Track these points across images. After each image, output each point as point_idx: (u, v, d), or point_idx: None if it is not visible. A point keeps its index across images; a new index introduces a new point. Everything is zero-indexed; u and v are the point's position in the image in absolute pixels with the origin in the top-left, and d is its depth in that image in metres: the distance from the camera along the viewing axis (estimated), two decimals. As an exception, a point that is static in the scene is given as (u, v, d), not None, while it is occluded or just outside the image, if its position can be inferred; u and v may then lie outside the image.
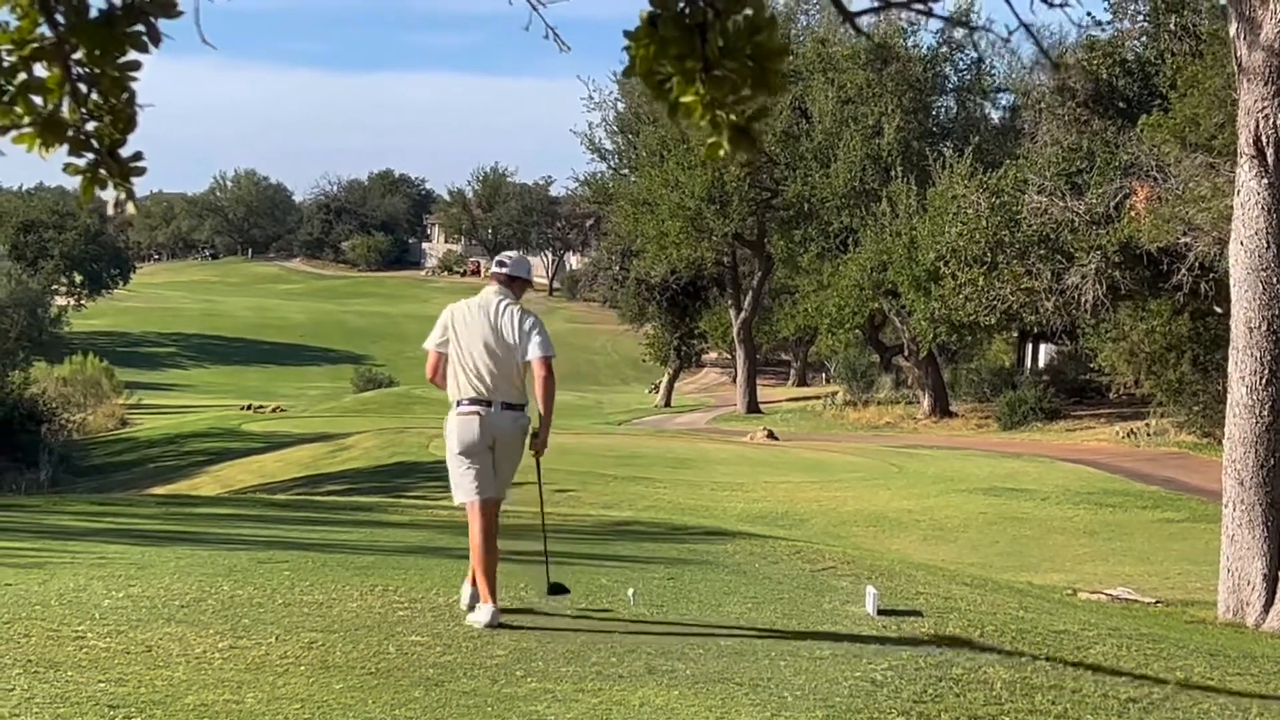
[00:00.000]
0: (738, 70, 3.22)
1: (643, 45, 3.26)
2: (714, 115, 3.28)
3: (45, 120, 3.29)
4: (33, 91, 3.29)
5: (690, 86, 3.25)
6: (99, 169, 3.41)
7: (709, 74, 3.24)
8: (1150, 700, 9.30)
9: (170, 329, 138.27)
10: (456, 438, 10.54)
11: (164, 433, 63.71)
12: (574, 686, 8.13)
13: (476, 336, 10.53)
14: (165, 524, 16.54)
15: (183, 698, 7.43)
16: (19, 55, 3.28)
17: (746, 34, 3.22)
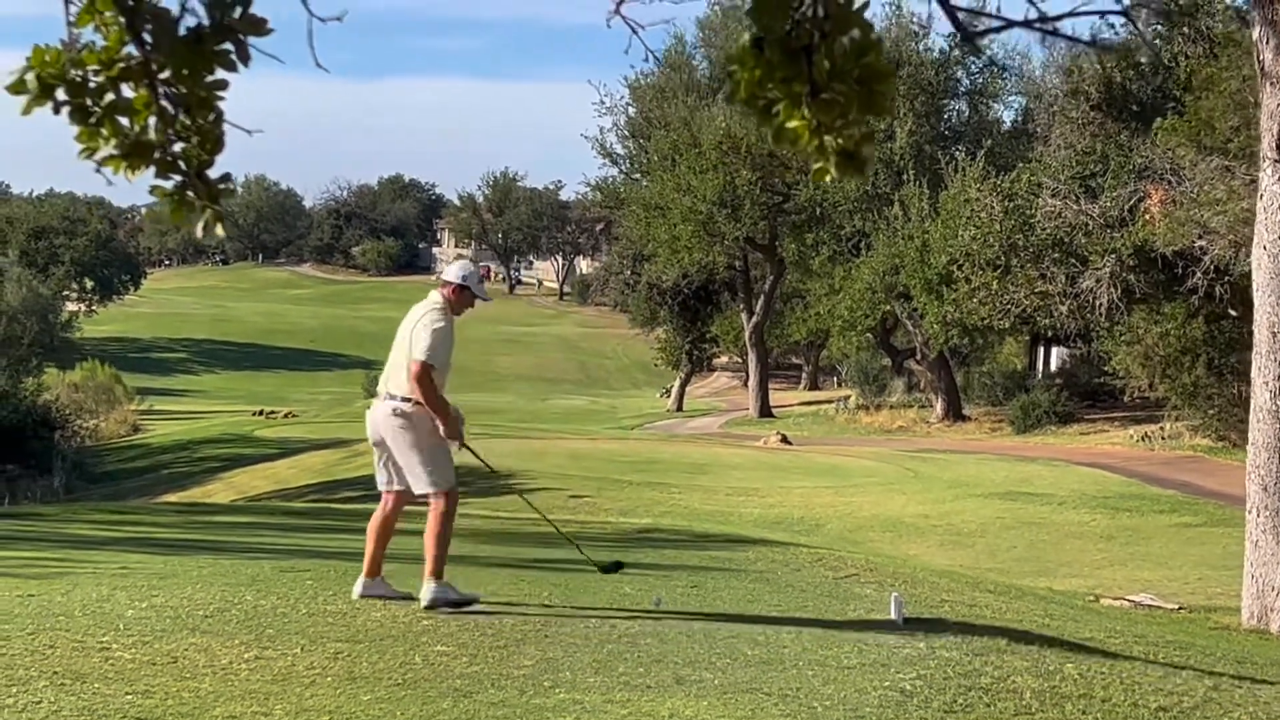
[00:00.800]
0: (845, 93, 3.14)
1: (747, 69, 3.18)
2: (821, 140, 3.20)
3: (132, 142, 3.23)
4: (119, 113, 3.23)
5: (797, 111, 3.17)
6: (186, 191, 3.34)
7: (816, 98, 3.17)
8: (1180, 709, 9.22)
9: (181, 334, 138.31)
10: None
11: (176, 439, 63.70)
12: (602, 697, 8.06)
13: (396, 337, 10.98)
14: (185, 533, 16.50)
15: (210, 710, 7.37)
16: (106, 75, 3.21)
17: (854, 56, 3.14)
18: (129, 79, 3.24)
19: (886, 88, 3.18)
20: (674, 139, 71.69)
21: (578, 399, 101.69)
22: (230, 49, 3.30)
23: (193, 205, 3.37)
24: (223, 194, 3.39)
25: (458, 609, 10.61)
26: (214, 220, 3.44)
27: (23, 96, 3.28)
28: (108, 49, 3.26)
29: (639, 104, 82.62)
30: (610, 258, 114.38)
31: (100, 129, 3.25)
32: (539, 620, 10.39)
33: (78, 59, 3.26)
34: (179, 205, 3.37)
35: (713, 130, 68.95)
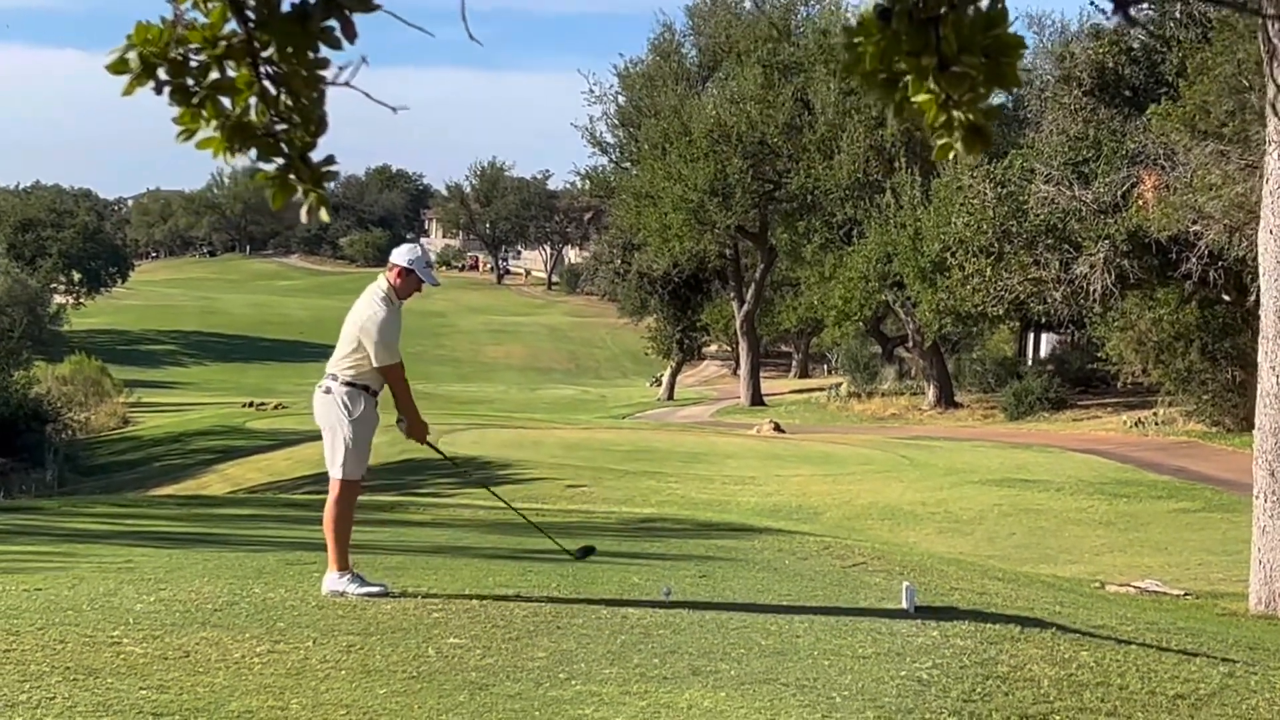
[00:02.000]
0: (974, 66, 3.05)
1: (872, 41, 3.08)
2: (949, 115, 3.11)
3: (234, 123, 3.13)
4: (221, 92, 3.13)
5: (924, 84, 3.08)
6: (289, 174, 3.24)
7: (945, 71, 3.07)
8: (1198, 696, 9.19)
9: (170, 326, 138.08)
10: None
11: (167, 431, 63.56)
12: (619, 689, 8.00)
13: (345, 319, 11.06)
14: (188, 525, 16.44)
15: (226, 704, 7.30)
16: (209, 53, 3.12)
17: (982, 27, 3.04)
18: (231, 58, 3.14)
19: (1015, 59, 3.09)
20: (664, 127, 71.63)
21: (568, 388, 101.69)
22: (335, 25, 3.21)
23: (294, 188, 3.27)
24: (326, 177, 3.30)
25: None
26: (318, 204, 3.34)
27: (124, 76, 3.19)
28: (210, 26, 3.17)
29: (628, 92, 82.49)
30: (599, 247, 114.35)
31: (201, 110, 3.16)
32: (550, 611, 10.33)
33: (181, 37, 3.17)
34: (282, 188, 3.27)
35: (703, 118, 68.92)
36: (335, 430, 10.73)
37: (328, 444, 10.82)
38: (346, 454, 10.70)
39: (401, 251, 11.14)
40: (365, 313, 10.77)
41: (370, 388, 10.75)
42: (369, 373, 10.72)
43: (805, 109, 67.42)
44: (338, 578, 10.67)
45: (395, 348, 10.80)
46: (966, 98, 3.06)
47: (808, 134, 66.56)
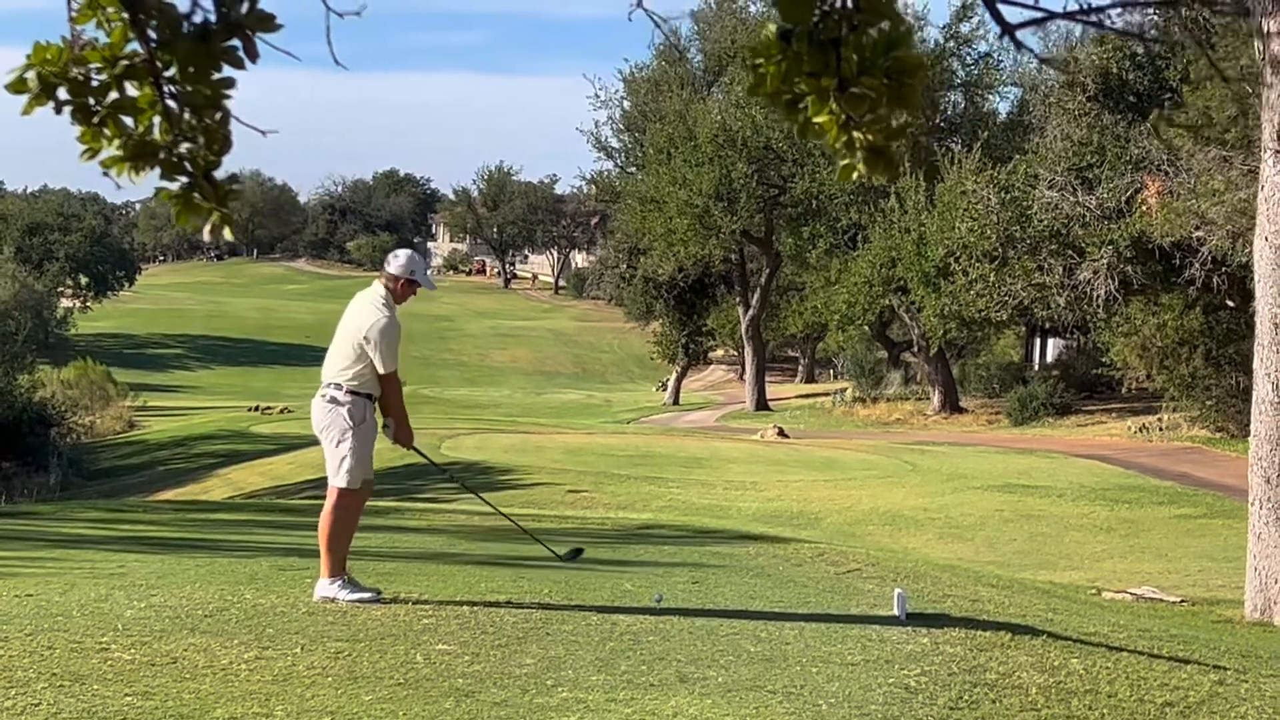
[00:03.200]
0: (875, 87, 3.05)
1: (773, 62, 3.08)
2: (850, 136, 3.11)
3: (137, 143, 3.13)
4: (123, 111, 3.13)
5: (825, 105, 3.09)
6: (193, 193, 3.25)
7: (844, 92, 3.07)
8: (1186, 704, 9.19)
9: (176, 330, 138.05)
10: None
11: (172, 435, 63.53)
12: (605, 696, 8.00)
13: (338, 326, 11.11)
14: (183, 531, 16.45)
15: (211, 711, 7.30)
16: (109, 73, 3.12)
17: (883, 49, 3.05)
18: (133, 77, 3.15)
19: (917, 81, 3.09)
20: (669, 132, 71.66)
21: (573, 393, 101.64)
22: (238, 46, 3.21)
23: (199, 208, 3.28)
24: (230, 195, 3.30)
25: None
26: (221, 222, 3.34)
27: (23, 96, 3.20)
28: (111, 46, 3.17)
29: (634, 97, 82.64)
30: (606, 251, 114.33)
31: (103, 129, 3.16)
32: (540, 618, 10.33)
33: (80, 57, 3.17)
34: (185, 208, 3.28)
35: (708, 123, 68.94)
36: (338, 439, 10.73)
37: (329, 452, 10.82)
38: (352, 463, 10.72)
39: (399, 261, 11.14)
40: (368, 320, 10.78)
41: (372, 395, 10.82)
42: (371, 380, 10.76)
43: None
44: (329, 583, 10.68)
45: (396, 354, 10.87)
46: (867, 119, 3.06)
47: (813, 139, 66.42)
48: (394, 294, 10.98)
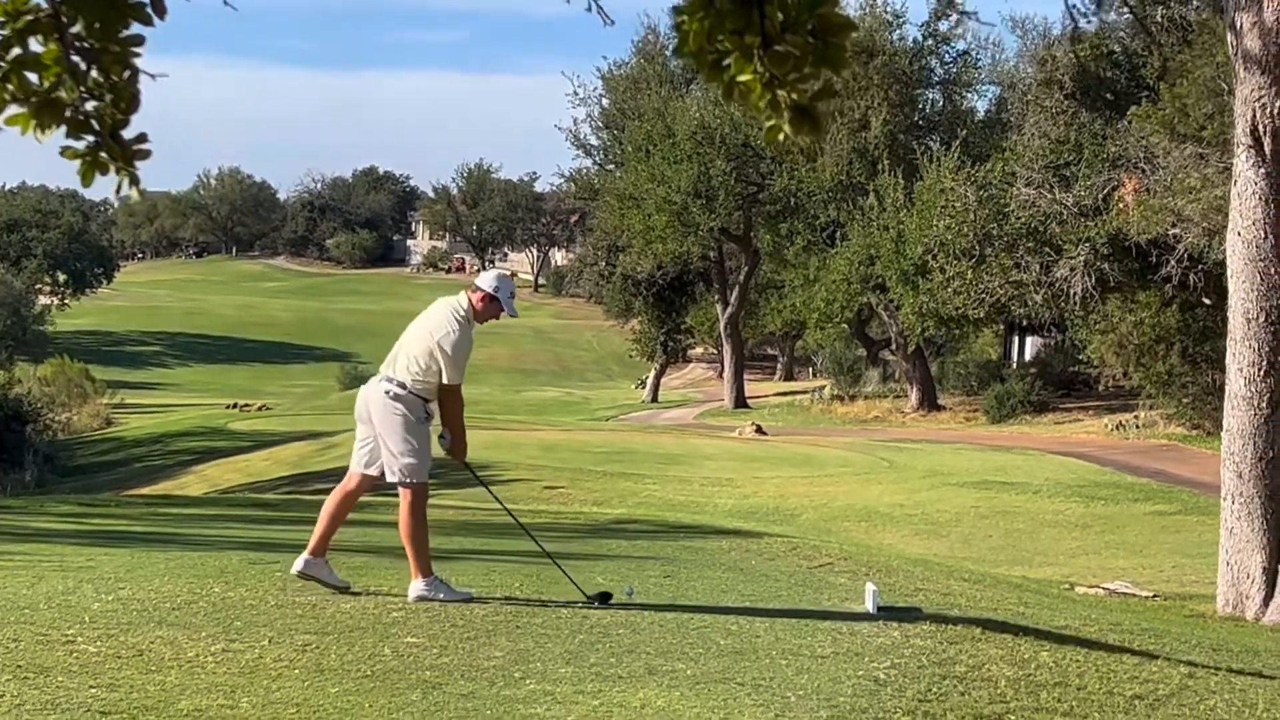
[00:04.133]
0: (800, 46, 3.01)
1: (695, 19, 3.03)
2: (774, 95, 3.06)
3: (42, 99, 3.08)
4: (28, 68, 3.08)
5: (749, 64, 3.03)
6: (99, 152, 3.20)
7: (769, 50, 3.03)
8: (1156, 697, 9.20)
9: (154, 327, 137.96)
10: None
11: (149, 432, 63.46)
12: (573, 688, 7.98)
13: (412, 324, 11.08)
14: (154, 525, 16.39)
15: (176, 703, 7.27)
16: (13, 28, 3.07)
17: (808, 6, 3.00)
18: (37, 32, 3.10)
19: (842, 39, 3.05)
20: (648, 129, 71.64)
21: (552, 390, 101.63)
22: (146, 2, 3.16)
23: (106, 167, 3.23)
24: (138, 155, 3.24)
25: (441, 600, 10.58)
26: (129, 183, 3.29)
27: None
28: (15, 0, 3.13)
29: (612, 95, 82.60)
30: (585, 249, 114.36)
31: (7, 85, 3.11)
32: (510, 611, 10.32)
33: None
34: (91, 166, 3.22)
35: (687, 120, 68.94)
36: (400, 435, 10.71)
37: (389, 449, 10.76)
38: (416, 459, 10.72)
39: (489, 277, 11.18)
40: (442, 330, 10.76)
41: (430, 401, 10.83)
42: (433, 387, 10.77)
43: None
44: (424, 585, 10.67)
45: (464, 368, 10.89)
46: (792, 78, 3.02)
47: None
48: (476, 311, 10.95)
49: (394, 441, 10.71)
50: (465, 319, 10.85)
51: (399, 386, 10.73)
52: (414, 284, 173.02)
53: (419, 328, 10.92)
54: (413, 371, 10.72)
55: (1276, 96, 15.51)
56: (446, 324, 10.78)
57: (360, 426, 11.03)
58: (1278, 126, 15.57)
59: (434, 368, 10.70)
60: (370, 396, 10.92)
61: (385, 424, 10.75)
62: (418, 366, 10.72)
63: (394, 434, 10.71)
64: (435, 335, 10.74)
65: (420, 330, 10.89)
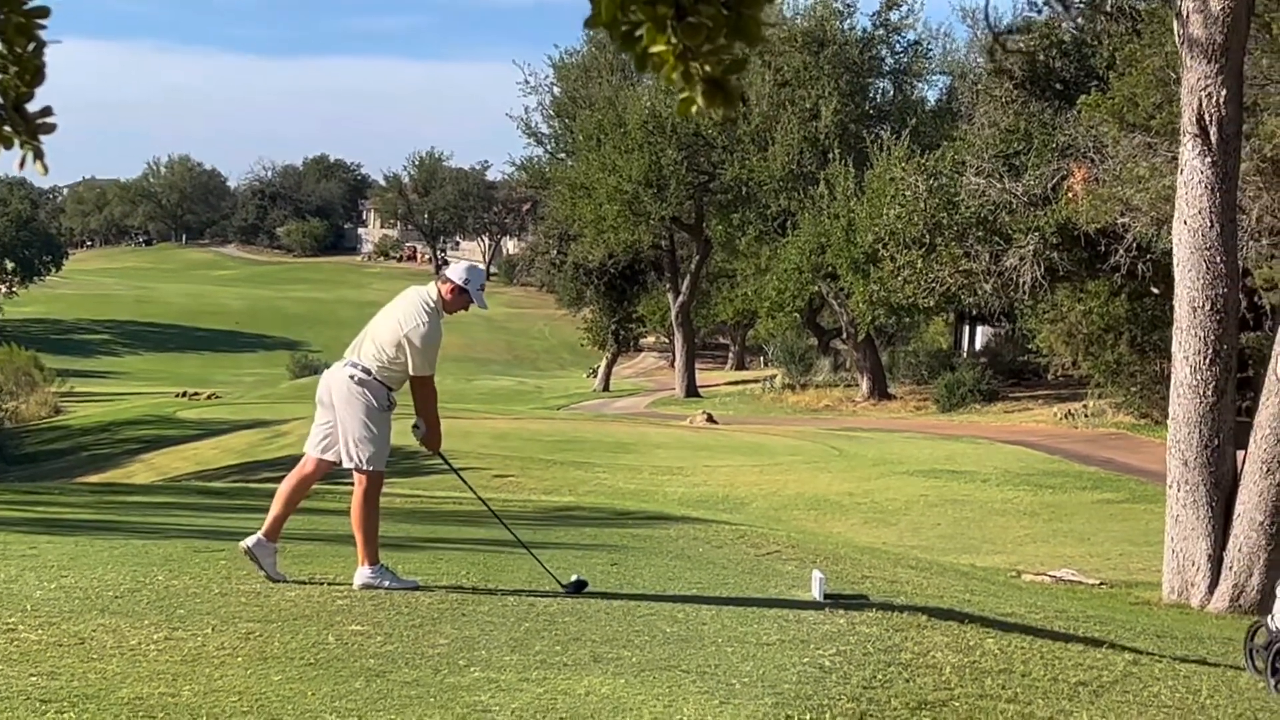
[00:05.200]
0: (713, 17, 2.98)
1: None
2: (687, 67, 3.04)
3: None
4: None
5: (661, 35, 3.00)
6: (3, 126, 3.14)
7: (682, 21, 3.00)
8: (1100, 683, 9.24)
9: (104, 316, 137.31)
10: None
11: (97, 420, 63.17)
12: (518, 676, 7.95)
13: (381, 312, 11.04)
14: (99, 514, 16.29)
15: (116, 691, 7.21)
16: None
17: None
18: None
19: (755, 11, 3.01)
20: (599, 118, 71.62)
21: (504, 379, 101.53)
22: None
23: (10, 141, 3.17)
24: (42, 129, 3.18)
25: None
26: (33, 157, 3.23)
27: None
28: None
29: (564, 83, 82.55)
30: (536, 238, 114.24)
31: None
32: (456, 599, 10.29)
33: None
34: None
35: (638, 110, 68.94)
36: (360, 420, 10.66)
37: (348, 433, 10.71)
38: (375, 445, 10.67)
39: (459, 269, 11.12)
40: (411, 321, 10.71)
41: (395, 390, 10.79)
42: (399, 376, 10.73)
43: (740, 100, 67.38)
44: (370, 573, 10.61)
45: (435, 360, 10.86)
46: (705, 49, 2.99)
47: (742, 125, 66.65)
48: (445, 303, 10.91)
49: (354, 427, 10.67)
50: (434, 310, 10.81)
51: (364, 372, 10.68)
52: (365, 272, 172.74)
53: (388, 316, 10.87)
54: (379, 360, 10.67)
55: (1222, 85, 15.60)
56: (416, 316, 10.73)
57: (320, 410, 10.96)
58: (1223, 115, 15.66)
59: (401, 358, 10.66)
60: (333, 381, 10.86)
61: (347, 409, 10.70)
62: (385, 355, 10.68)
63: (354, 419, 10.67)
64: (404, 327, 10.68)
65: (389, 319, 10.84)
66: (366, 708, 7.13)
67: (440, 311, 10.86)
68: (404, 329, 10.67)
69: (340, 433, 10.74)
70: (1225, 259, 15.86)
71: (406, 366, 10.67)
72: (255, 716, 6.83)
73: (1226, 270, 15.89)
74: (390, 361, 10.66)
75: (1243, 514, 15.74)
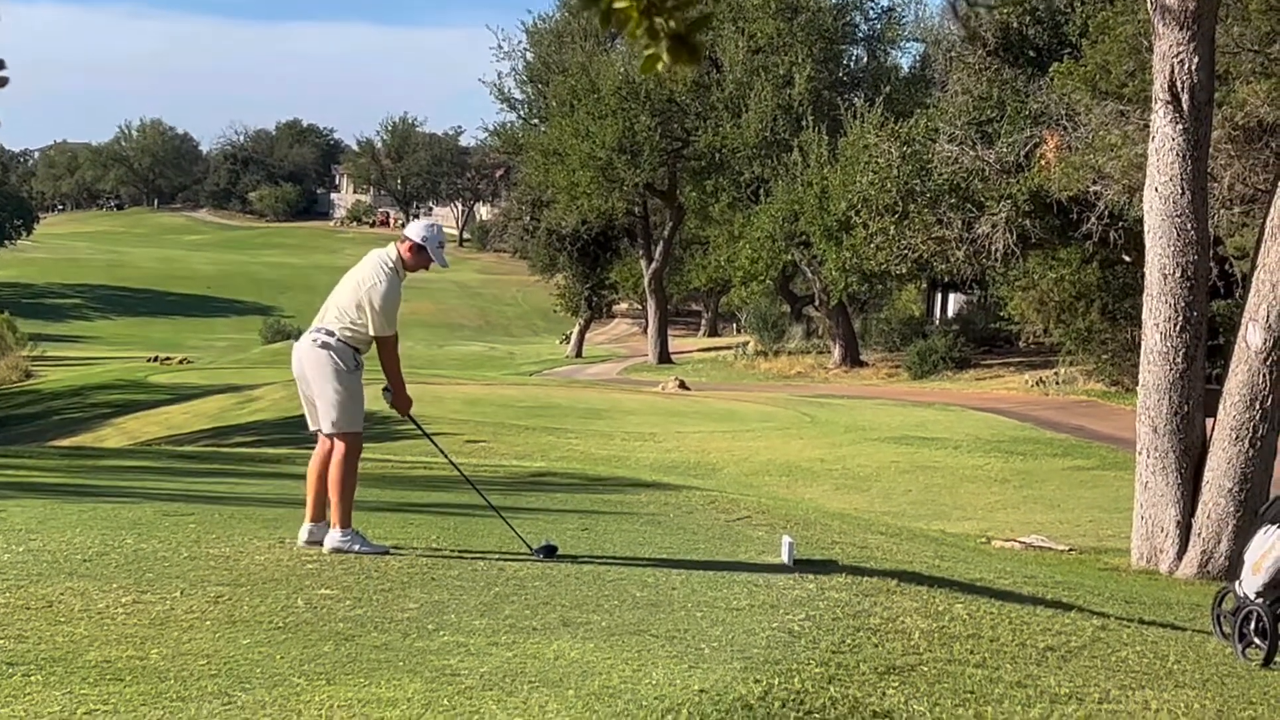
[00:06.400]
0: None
1: None
2: (651, 23, 3.01)
3: None
4: None
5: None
6: None
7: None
8: (1068, 649, 9.28)
9: (75, 280, 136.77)
10: None
11: (68, 385, 62.91)
12: (487, 640, 7.96)
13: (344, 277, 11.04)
14: (68, 477, 16.24)
15: (84, 654, 7.20)
16: None
17: None
18: None
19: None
20: (573, 84, 71.43)
21: (477, 345, 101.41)
22: None
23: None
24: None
25: None
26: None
27: None
28: None
29: (537, 49, 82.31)
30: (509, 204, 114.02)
31: None
32: (426, 563, 10.29)
33: None
34: None
35: (611, 76, 68.77)
36: (330, 383, 10.64)
37: (320, 398, 10.71)
38: (349, 407, 10.66)
39: (417, 227, 11.12)
40: (370, 281, 10.73)
41: (361, 351, 10.76)
42: (363, 338, 10.71)
43: (714, 67, 67.41)
44: (340, 535, 10.61)
45: (395, 319, 10.85)
46: (670, 5, 2.97)
47: (716, 92, 66.58)
48: (405, 262, 10.91)
49: (325, 390, 10.67)
50: (394, 270, 10.81)
51: (328, 335, 10.68)
52: (338, 238, 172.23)
53: (349, 279, 10.89)
54: (343, 322, 10.67)
55: (1194, 53, 15.61)
56: (374, 275, 10.74)
57: (300, 385, 10.95)
58: (1195, 82, 15.67)
59: (363, 319, 10.65)
60: (302, 351, 10.86)
61: (316, 374, 10.69)
62: (348, 317, 10.68)
63: (324, 383, 10.66)
64: (364, 287, 10.70)
65: (350, 282, 10.85)
66: (336, 671, 7.12)
67: (400, 271, 10.85)
68: (364, 289, 10.69)
69: (316, 397, 10.73)
70: (1196, 226, 15.88)
71: (369, 328, 10.64)
72: (224, 680, 6.82)
73: (1197, 237, 15.92)
74: (354, 323, 10.66)
75: (1211, 481, 15.79)
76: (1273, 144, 30.01)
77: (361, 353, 10.76)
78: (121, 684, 6.63)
